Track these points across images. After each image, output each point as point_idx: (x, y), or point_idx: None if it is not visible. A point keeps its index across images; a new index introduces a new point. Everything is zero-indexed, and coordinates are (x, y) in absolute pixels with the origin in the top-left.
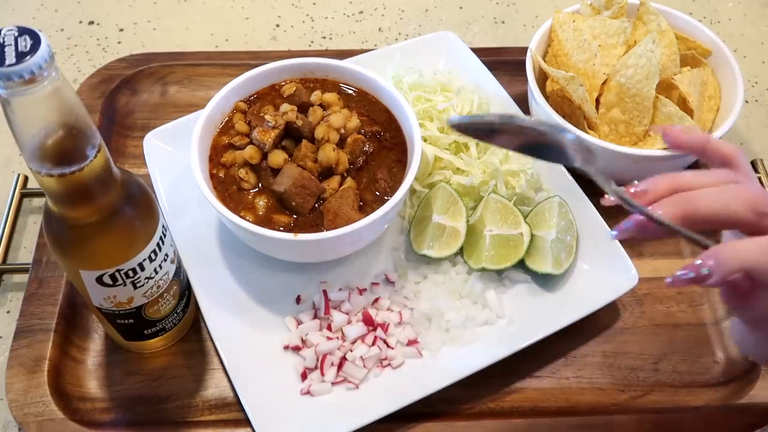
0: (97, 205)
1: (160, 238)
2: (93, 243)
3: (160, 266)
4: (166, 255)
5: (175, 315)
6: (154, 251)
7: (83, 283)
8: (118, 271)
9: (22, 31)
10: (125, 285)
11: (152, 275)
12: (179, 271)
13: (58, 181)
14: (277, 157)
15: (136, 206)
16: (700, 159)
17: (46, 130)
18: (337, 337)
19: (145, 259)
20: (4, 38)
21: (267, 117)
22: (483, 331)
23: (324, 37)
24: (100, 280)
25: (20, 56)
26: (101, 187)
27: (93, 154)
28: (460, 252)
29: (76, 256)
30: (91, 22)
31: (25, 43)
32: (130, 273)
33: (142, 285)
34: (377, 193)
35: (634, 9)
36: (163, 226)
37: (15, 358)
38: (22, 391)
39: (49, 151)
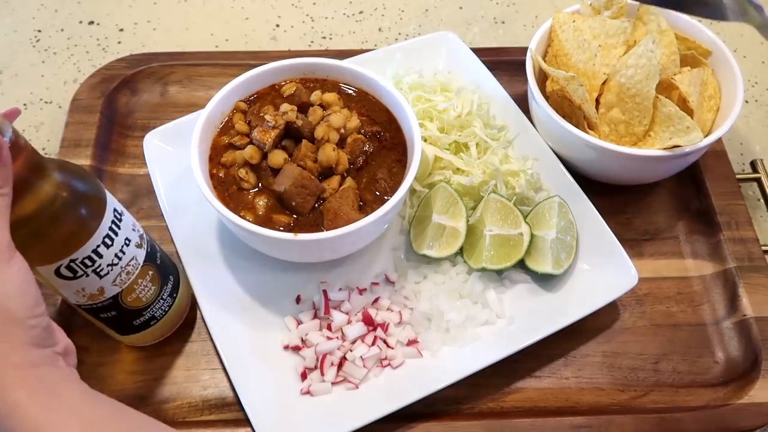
0: (33, 196)
1: (113, 222)
2: (38, 236)
3: (122, 251)
4: (128, 240)
5: (163, 302)
6: (108, 236)
7: (50, 283)
8: (73, 261)
9: None
10: (87, 275)
11: (115, 261)
12: (153, 256)
13: None
14: (277, 157)
15: (76, 193)
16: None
17: None
18: (337, 337)
19: (99, 246)
20: None
21: (267, 117)
22: (483, 331)
23: (324, 37)
24: (59, 273)
25: None
26: (31, 177)
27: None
28: (460, 252)
29: (26, 254)
30: (91, 22)
31: None
32: (87, 262)
33: (107, 273)
34: (377, 193)
35: (634, 9)
36: (117, 211)
37: None
38: None
39: None
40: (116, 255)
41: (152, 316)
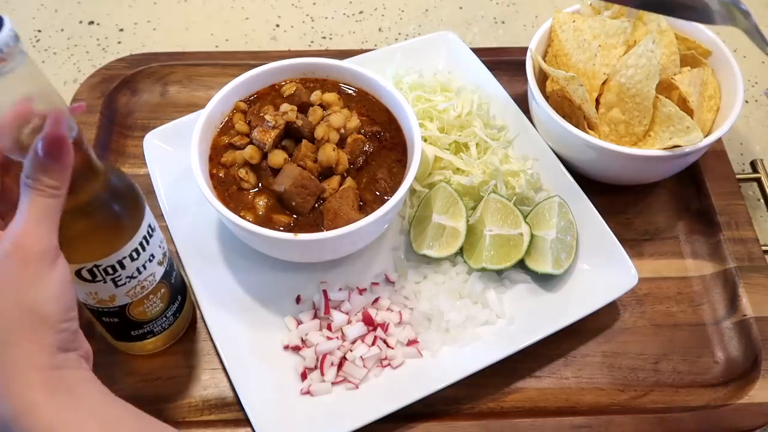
0: (75, 197)
1: (144, 238)
2: (70, 236)
3: (144, 266)
4: (152, 256)
5: (165, 319)
6: (136, 250)
7: None
8: (96, 266)
9: None
10: (105, 282)
11: (134, 275)
12: (170, 275)
13: None
14: (277, 157)
15: (117, 202)
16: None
17: (19, 117)
18: (337, 337)
19: (125, 257)
20: None
21: (267, 117)
22: (483, 331)
23: (324, 37)
24: (79, 274)
25: None
26: (79, 178)
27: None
28: (460, 252)
29: None
30: (91, 22)
31: None
32: (110, 270)
33: (124, 284)
34: (377, 193)
35: (633, 9)
36: (150, 227)
37: None
38: None
39: (25, 139)
40: (138, 269)
41: (150, 331)
